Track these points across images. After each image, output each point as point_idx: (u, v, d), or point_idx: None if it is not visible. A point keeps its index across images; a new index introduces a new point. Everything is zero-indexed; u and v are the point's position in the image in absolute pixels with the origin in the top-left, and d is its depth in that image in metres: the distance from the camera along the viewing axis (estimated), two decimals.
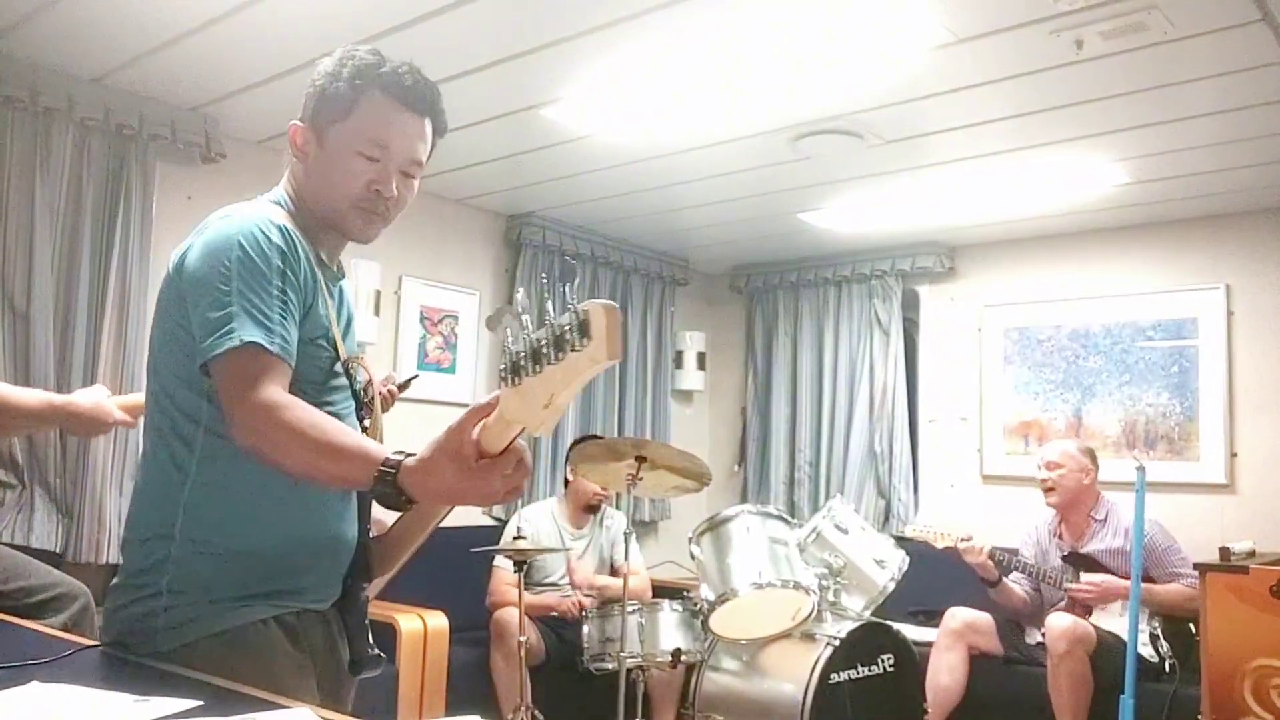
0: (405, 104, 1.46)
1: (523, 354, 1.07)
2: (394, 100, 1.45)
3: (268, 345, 1.30)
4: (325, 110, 1.47)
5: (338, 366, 1.47)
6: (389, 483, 1.20)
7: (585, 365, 1.01)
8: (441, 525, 1.61)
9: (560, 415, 1.11)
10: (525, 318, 1.10)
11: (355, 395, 1.51)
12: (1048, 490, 4.02)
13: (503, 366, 1.11)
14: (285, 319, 1.35)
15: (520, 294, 1.26)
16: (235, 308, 1.31)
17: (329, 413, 1.41)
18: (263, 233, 1.37)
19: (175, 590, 1.36)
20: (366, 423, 1.55)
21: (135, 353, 3.54)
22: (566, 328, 1.02)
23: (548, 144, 3.92)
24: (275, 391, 1.29)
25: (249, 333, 1.30)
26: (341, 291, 1.58)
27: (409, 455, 1.22)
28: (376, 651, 1.54)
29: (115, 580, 1.43)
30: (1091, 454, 4.08)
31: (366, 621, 1.54)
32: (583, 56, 3.11)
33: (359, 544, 1.52)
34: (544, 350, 1.04)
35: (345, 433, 1.31)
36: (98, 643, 1.46)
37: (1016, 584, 4.08)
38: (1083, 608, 3.87)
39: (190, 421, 1.39)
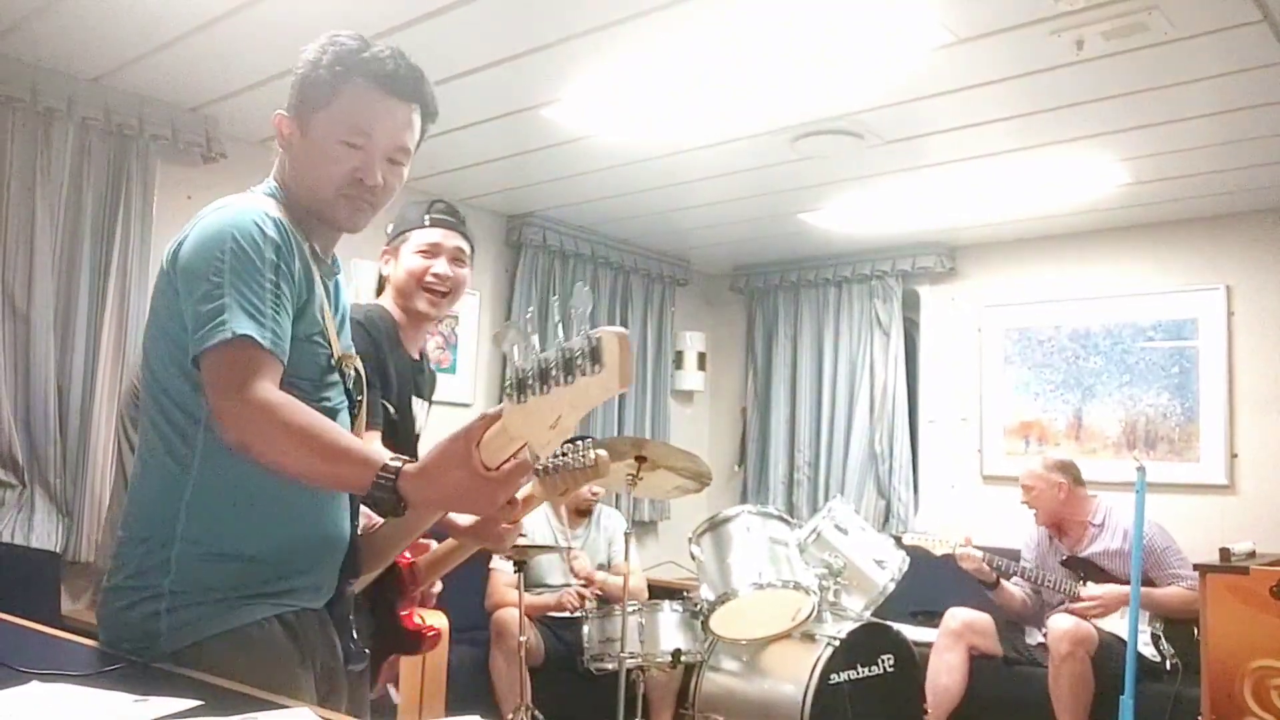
0: (389, 90, 1.43)
1: (530, 372, 1.08)
2: (377, 87, 1.43)
3: (260, 339, 1.28)
4: (307, 99, 1.44)
5: (333, 362, 1.46)
6: (388, 488, 1.21)
7: (596, 391, 1.03)
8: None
9: (566, 437, 1.12)
10: (534, 337, 1.11)
11: (348, 392, 1.50)
12: (1031, 509, 4.11)
13: (508, 382, 1.11)
14: (279, 313, 1.32)
15: (532, 311, 1.26)
16: (228, 300, 1.28)
17: (324, 409, 1.40)
18: (257, 225, 1.35)
19: (177, 591, 1.34)
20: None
21: (136, 352, 3.54)
22: (577, 353, 1.03)
23: (548, 144, 3.92)
24: (268, 388, 1.27)
25: (241, 325, 1.27)
26: (337, 285, 1.56)
27: (408, 462, 1.23)
28: (359, 645, 1.57)
29: (110, 582, 1.40)
30: (1062, 467, 4.06)
31: (351, 616, 1.56)
32: (582, 57, 3.11)
33: (350, 541, 1.52)
34: (553, 372, 1.05)
35: (343, 435, 1.30)
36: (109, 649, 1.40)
37: (1016, 587, 4.09)
38: None
39: (189, 419, 1.37)
